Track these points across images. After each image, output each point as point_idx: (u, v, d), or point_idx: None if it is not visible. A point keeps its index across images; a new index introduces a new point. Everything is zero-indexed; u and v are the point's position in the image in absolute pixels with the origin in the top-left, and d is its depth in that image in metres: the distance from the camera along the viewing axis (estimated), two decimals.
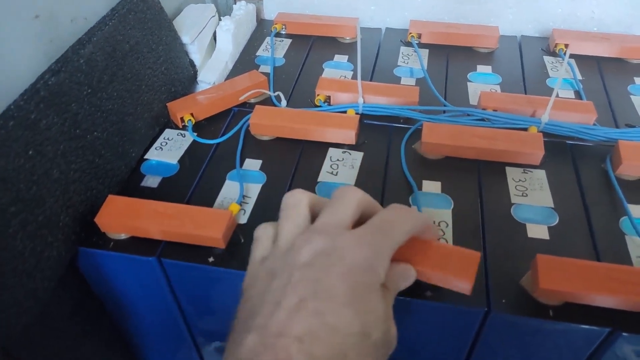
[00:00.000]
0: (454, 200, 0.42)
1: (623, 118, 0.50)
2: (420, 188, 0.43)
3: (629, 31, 0.61)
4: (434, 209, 0.42)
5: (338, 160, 0.47)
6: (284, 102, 0.52)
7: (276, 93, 0.51)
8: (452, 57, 0.60)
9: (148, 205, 0.40)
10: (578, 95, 0.53)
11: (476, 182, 0.44)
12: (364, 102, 0.50)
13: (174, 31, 0.52)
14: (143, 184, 0.45)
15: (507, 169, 0.45)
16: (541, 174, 0.45)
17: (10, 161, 0.33)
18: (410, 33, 0.61)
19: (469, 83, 0.56)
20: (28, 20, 0.36)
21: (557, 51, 0.59)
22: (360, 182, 0.44)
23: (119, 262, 0.40)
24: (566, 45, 0.58)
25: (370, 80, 0.57)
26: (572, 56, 0.59)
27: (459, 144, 0.45)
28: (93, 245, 0.39)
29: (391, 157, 0.47)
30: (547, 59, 0.59)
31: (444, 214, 0.41)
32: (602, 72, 0.57)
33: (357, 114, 0.50)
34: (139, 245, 0.39)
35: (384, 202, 0.43)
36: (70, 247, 0.39)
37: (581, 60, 0.58)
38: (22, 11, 0.36)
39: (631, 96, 0.53)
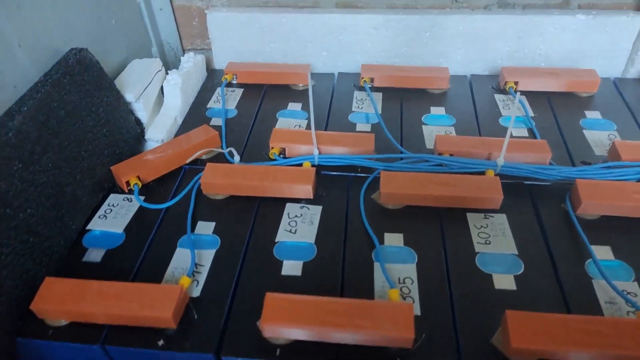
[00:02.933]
0: (418, 253, 0.41)
1: (578, 154, 0.50)
2: (382, 242, 0.42)
3: (575, 65, 0.62)
4: (397, 264, 0.40)
5: (296, 216, 0.45)
6: (237, 158, 0.50)
7: (228, 149, 0.49)
8: (405, 99, 0.60)
9: (89, 286, 0.36)
10: (532, 133, 0.53)
11: (439, 231, 0.43)
12: (319, 153, 0.49)
13: (116, 90, 0.49)
14: (85, 259, 0.41)
15: (468, 214, 0.44)
16: (502, 218, 0.44)
17: None
18: (363, 78, 0.61)
19: (424, 126, 0.55)
20: None
21: (507, 89, 0.59)
22: (320, 239, 0.42)
23: (60, 350, 0.36)
24: (516, 83, 0.59)
25: (326, 128, 0.56)
26: (522, 93, 0.59)
27: (418, 193, 0.44)
28: (31, 335, 0.36)
29: (351, 209, 0.45)
30: (498, 97, 0.59)
31: (408, 269, 0.39)
32: (553, 107, 0.57)
33: (313, 165, 0.48)
34: (81, 331, 0.36)
35: (345, 259, 0.41)
36: (5, 339, 0.35)
37: (532, 96, 0.59)
38: None
39: (584, 130, 0.54)
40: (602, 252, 0.40)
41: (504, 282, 0.38)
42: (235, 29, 0.64)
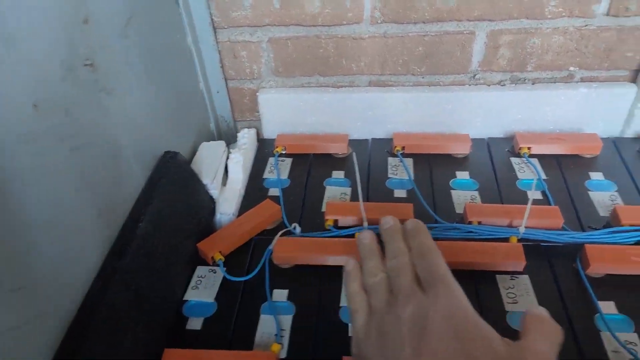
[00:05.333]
0: None
1: (585, 215, 0.60)
2: None
3: (580, 127, 0.71)
4: None
5: None
6: (298, 230, 0.59)
7: (293, 225, 0.59)
8: (433, 164, 0.69)
9: (200, 356, 0.46)
10: (545, 195, 0.63)
11: (474, 291, 0.52)
12: (368, 225, 0.58)
13: (198, 180, 0.59)
14: (188, 326, 0.51)
15: (497, 277, 0.53)
16: (525, 279, 0.53)
17: (98, 346, 0.39)
18: (396, 146, 0.71)
19: (452, 191, 0.65)
20: (92, 220, 0.43)
21: (521, 154, 0.69)
22: None
23: None
24: (529, 148, 0.68)
25: (367, 194, 0.66)
26: (534, 156, 0.69)
27: (458, 260, 0.53)
28: None
29: None
30: (514, 160, 0.69)
31: None
32: (561, 168, 0.67)
33: None
34: None
35: None
36: None
37: (542, 158, 0.68)
38: (88, 211, 0.42)
39: (589, 192, 0.63)
40: (608, 307, 0.50)
41: None
42: (282, 105, 0.74)
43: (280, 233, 0.58)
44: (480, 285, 0.53)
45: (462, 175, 0.67)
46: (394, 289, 0.40)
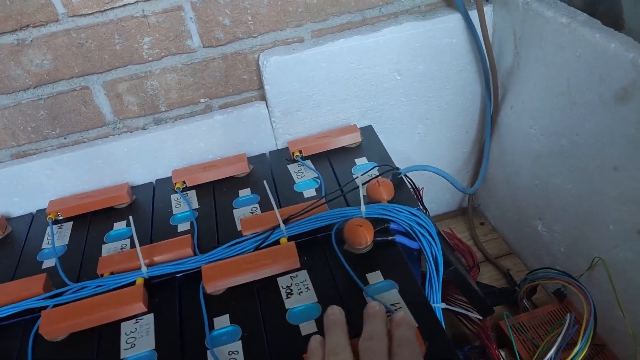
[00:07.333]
0: None
1: (225, 234, 0.62)
2: None
3: (238, 150, 0.75)
4: None
5: None
6: None
7: None
8: (92, 222, 0.67)
9: None
10: (192, 225, 0.64)
11: (96, 348, 0.51)
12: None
13: None
14: None
15: (122, 324, 0.52)
16: (149, 318, 0.53)
17: None
18: (49, 214, 0.67)
19: (103, 245, 0.63)
20: None
21: (176, 189, 0.70)
22: None
23: None
24: (183, 182, 0.70)
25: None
26: (191, 188, 0.70)
27: (82, 319, 0.51)
28: None
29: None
30: (173, 197, 0.70)
31: None
32: (215, 194, 0.69)
33: None
34: None
35: None
36: None
37: (200, 188, 0.71)
38: None
39: (234, 210, 0.66)
40: (222, 322, 0.51)
41: None
42: None
43: None
44: (102, 338, 0.51)
45: (120, 226, 0.66)
46: None
